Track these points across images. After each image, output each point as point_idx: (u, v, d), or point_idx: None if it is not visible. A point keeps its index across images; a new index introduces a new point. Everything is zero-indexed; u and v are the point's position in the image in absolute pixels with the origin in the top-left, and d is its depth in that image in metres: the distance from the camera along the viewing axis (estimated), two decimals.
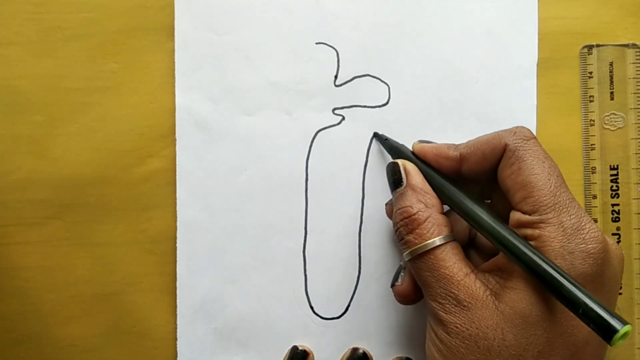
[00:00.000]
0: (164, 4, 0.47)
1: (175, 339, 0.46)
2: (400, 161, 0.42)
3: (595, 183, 0.47)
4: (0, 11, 0.46)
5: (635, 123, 0.47)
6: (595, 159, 0.47)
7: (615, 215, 0.47)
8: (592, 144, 0.47)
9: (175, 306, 0.46)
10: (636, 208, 0.47)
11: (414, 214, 0.39)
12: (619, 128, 0.47)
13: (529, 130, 0.40)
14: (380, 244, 0.46)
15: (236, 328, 0.46)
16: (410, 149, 0.44)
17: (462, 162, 0.41)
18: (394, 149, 0.45)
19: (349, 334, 0.46)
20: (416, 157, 0.43)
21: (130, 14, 0.47)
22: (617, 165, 0.47)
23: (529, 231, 0.37)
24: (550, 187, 0.37)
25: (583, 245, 0.36)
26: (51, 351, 0.46)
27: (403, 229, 0.40)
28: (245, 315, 0.46)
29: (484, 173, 0.41)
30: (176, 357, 0.46)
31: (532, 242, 0.37)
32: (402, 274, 0.42)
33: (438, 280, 0.38)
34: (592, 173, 0.47)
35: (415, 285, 0.41)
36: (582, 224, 0.37)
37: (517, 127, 0.40)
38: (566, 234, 0.36)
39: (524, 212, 0.38)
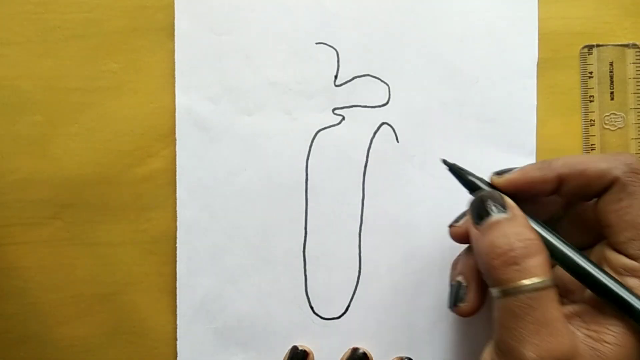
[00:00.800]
0: (164, 4, 0.47)
1: (175, 339, 0.46)
2: (503, 195, 0.38)
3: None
4: (0, 11, 0.46)
5: (636, 123, 0.47)
6: None
7: None
8: (592, 144, 0.47)
9: (175, 306, 0.46)
10: None
11: (536, 242, 0.35)
12: (619, 128, 0.47)
13: (636, 159, 0.36)
14: (380, 244, 0.46)
15: (236, 328, 0.46)
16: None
17: (560, 183, 0.37)
18: (469, 182, 0.40)
19: (349, 334, 0.46)
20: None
21: (130, 14, 0.47)
22: None
23: (633, 281, 0.35)
24: None
25: None
26: (51, 351, 0.46)
27: (521, 252, 0.34)
28: (245, 315, 0.46)
29: (582, 199, 0.38)
30: (176, 357, 0.46)
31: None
32: (463, 292, 0.39)
33: (548, 322, 0.33)
34: None
35: (480, 302, 0.39)
36: None
37: (625, 157, 0.36)
38: None
39: (629, 256, 0.35)
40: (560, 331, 0.33)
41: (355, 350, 0.46)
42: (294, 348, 0.45)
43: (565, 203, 0.39)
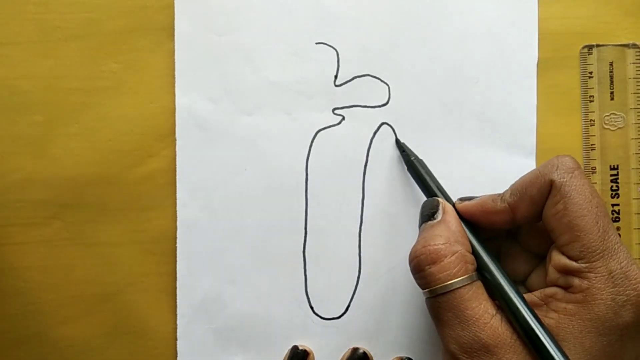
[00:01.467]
0: (164, 4, 0.47)
1: (175, 339, 0.46)
2: (442, 200, 0.41)
3: (596, 183, 0.47)
4: (0, 11, 0.46)
5: (636, 123, 0.47)
6: (595, 159, 0.47)
7: (615, 215, 0.47)
8: (592, 144, 0.47)
9: (175, 306, 0.46)
10: (636, 208, 0.47)
11: (441, 245, 0.37)
12: (619, 128, 0.47)
13: (570, 159, 0.38)
14: (380, 244, 0.46)
15: (236, 328, 0.46)
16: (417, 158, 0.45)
17: (513, 212, 0.39)
18: (411, 164, 0.45)
19: (349, 334, 0.46)
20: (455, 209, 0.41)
21: (130, 14, 0.47)
22: (617, 166, 0.47)
23: (576, 281, 0.35)
24: (599, 231, 0.35)
25: (632, 293, 0.35)
26: (51, 351, 0.46)
27: (424, 258, 0.37)
28: (245, 315, 0.46)
29: (537, 217, 0.38)
30: (176, 357, 0.46)
31: (579, 294, 0.35)
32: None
33: (462, 322, 0.36)
34: (592, 173, 0.47)
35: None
36: (630, 271, 0.35)
37: (558, 158, 0.38)
38: (615, 283, 0.35)
39: (570, 257, 0.36)
40: (476, 326, 0.35)
41: (355, 350, 0.46)
42: (294, 348, 0.45)
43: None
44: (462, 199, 0.42)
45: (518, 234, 0.42)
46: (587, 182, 0.37)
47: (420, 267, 0.37)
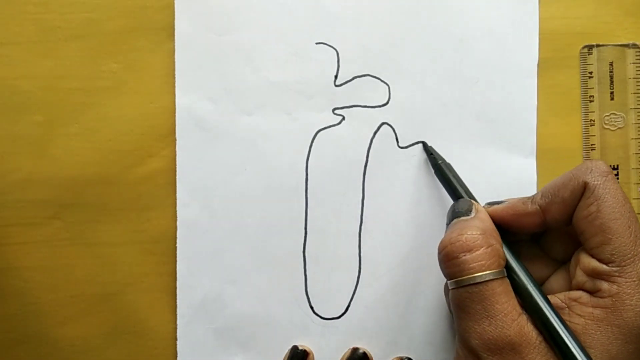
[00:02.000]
0: (164, 4, 0.47)
1: (175, 339, 0.46)
2: (473, 201, 0.41)
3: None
4: (0, 11, 0.46)
5: (635, 123, 0.47)
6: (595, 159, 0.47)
7: None
8: (592, 144, 0.47)
9: (175, 306, 0.46)
10: (636, 208, 0.47)
11: (478, 235, 0.37)
12: (619, 128, 0.47)
13: (604, 163, 0.37)
14: (380, 244, 0.46)
15: (236, 328, 0.46)
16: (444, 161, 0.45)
17: (544, 214, 0.38)
18: (438, 167, 0.45)
19: (349, 334, 0.46)
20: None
21: (130, 14, 0.47)
22: (617, 166, 0.47)
23: (605, 285, 0.35)
24: (630, 235, 0.35)
25: None
26: (51, 351, 0.46)
27: (460, 245, 0.37)
28: (245, 315, 0.46)
29: (567, 220, 0.38)
30: (176, 357, 0.46)
31: (607, 299, 0.35)
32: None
33: (491, 315, 0.35)
34: None
35: None
36: None
37: (592, 162, 0.37)
38: None
39: (600, 260, 0.36)
40: (504, 322, 0.35)
41: (355, 350, 0.46)
42: (294, 348, 0.45)
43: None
44: (490, 203, 0.41)
45: (539, 238, 0.42)
46: (619, 187, 0.37)
47: (454, 254, 0.37)
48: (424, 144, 0.46)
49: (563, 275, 0.40)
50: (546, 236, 0.41)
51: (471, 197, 0.43)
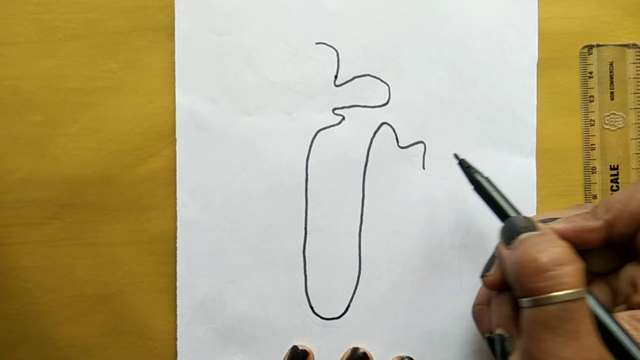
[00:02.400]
0: (164, 4, 0.47)
1: (175, 339, 0.46)
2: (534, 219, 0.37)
3: (596, 183, 0.47)
4: (0, 11, 0.46)
5: (635, 123, 0.47)
6: (595, 159, 0.47)
7: None
8: (592, 144, 0.47)
9: (175, 306, 0.46)
10: None
11: (566, 250, 0.33)
12: (619, 128, 0.47)
13: None
14: (380, 244, 0.46)
15: (236, 328, 0.46)
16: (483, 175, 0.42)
17: (610, 229, 0.36)
18: (478, 184, 0.41)
19: (349, 334, 0.46)
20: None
21: (130, 14, 0.47)
22: (617, 166, 0.47)
23: None
24: None
25: None
26: (51, 351, 0.46)
27: (556, 258, 0.33)
28: (245, 315, 0.46)
29: (633, 235, 0.36)
30: (176, 357, 0.46)
31: None
32: (509, 345, 0.36)
33: (582, 336, 0.32)
34: (593, 173, 0.47)
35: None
36: None
37: None
38: None
39: None
40: (590, 345, 0.32)
41: (355, 350, 0.45)
42: (294, 348, 0.45)
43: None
44: (543, 221, 0.38)
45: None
46: None
47: (547, 266, 0.33)
48: (459, 159, 0.43)
49: (603, 289, 0.38)
50: (592, 250, 0.38)
51: (518, 212, 0.40)
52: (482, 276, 0.39)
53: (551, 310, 0.32)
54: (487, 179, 0.42)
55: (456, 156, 0.43)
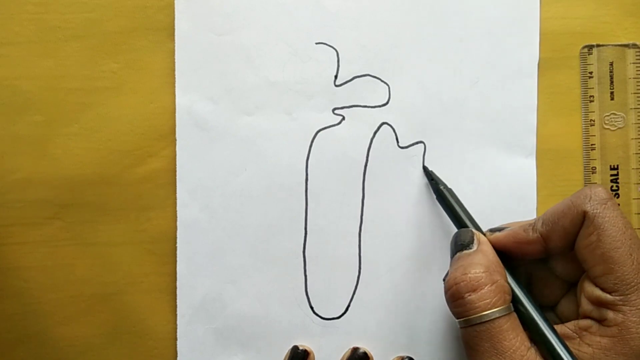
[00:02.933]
0: (164, 4, 0.47)
1: (175, 339, 0.46)
2: (476, 231, 0.41)
3: (596, 183, 0.47)
4: (0, 11, 0.46)
5: (636, 123, 0.47)
6: (595, 159, 0.47)
7: None
8: (592, 144, 0.47)
9: (175, 306, 0.46)
10: (636, 208, 0.47)
11: (481, 274, 0.37)
12: (619, 128, 0.47)
13: (603, 189, 0.37)
14: (380, 244, 0.46)
15: (236, 328, 0.46)
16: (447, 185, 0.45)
17: (545, 242, 0.38)
18: (440, 193, 0.45)
19: (349, 334, 0.46)
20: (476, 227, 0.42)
21: (130, 14, 0.47)
22: (617, 165, 0.47)
23: (610, 314, 0.35)
24: (633, 263, 0.35)
25: None
26: (51, 351, 0.46)
27: (464, 285, 0.37)
28: (245, 315, 0.46)
29: (570, 247, 0.38)
30: (176, 357, 0.46)
31: (614, 328, 0.35)
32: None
33: (500, 353, 0.35)
34: (592, 173, 0.47)
35: None
36: None
37: (590, 189, 0.37)
38: None
39: (604, 289, 0.36)
40: (514, 358, 0.35)
41: (355, 350, 0.45)
42: (295, 348, 0.45)
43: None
44: (492, 230, 0.41)
45: (549, 260, 0.41)
46: (621, 213, 0.37)
47: (459, 294, 0.37)
48: (425, 168, 0.46)
49: (573, 299, 0.40)
50: (554, 259, 0.41)
51: (474, 224, 0.42)
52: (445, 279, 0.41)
53: (470, 331, 0.36)
54: (449, 190, 0.44)
55: (425, 168, 0.46)
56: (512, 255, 0.40)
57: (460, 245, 0.40)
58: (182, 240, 0.46)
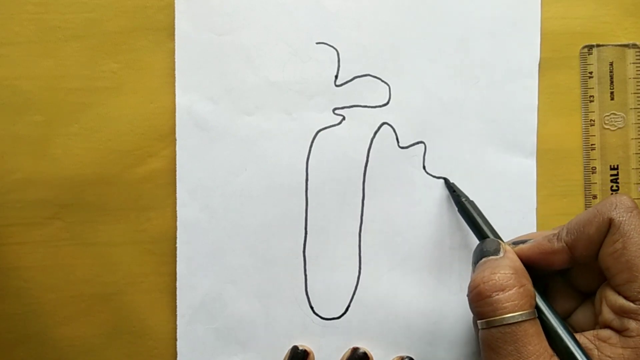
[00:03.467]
0: (164, 4, 0.47)
1: (175, 339, 0.46)
2: (501, 242, 0.40)
3: (596, 183, 0.47)
4: (0, 11, 0.46)
5: (635, 123, 0.47)
6: (595, 159, 0.47)
7: None
8: (592, 144, 0.47)
9: (175, 306, 0.46)
10: None
11: (510, 274, 0.36)
12: (619, 128, 0.47)
13: (628, 198, 0.37)
14: (380, 244, 0.46)
15: (236, 328, 0.46)
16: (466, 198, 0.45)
17: (570, 251, 0.38)
18: (462, 205, 0.44)
19: (349, 334, 0.46)
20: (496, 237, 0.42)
21: (130, 14, 0.47)
22: (617, 166, 0.47)
23: (632, 324, 0.35)
24: None
25: None
26: (51, 351, 0.46)
27: (493, 285, 0.36)
28: (245, 315, 0.46)
29: (594, 256, 0.38)
30: (176, 357, 0.46)
31: (636, 338, 0.34)
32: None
33: (523, 357, 0.34)
34: (593, 173, 0.47)
35: None
36: None
37: (616, 198, 0.37)
38: None
39: (627, 298, 0.35)
40: None
41: (355, 350, 0.45)
42: (294, 348, 0.45)
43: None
44: (515, 243, 0.41)
45: (566, 271, 0.41)
46: None
47: (486, 293, 0.36)
48: (446, 180, 0.46)
49: (590, 309, 0.40)
50: (572, 269, 0.41)
51: (497, 236, 0.42)
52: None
53: (493, 333, 0.36)
54: (472, 202, 0.44)
55: (446, 180, 0.46)
56: (536, 266, 0.39)
57: (486, 251, 0.39)
58: (182, 240, 0.46)
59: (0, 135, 0.46)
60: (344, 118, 0.47)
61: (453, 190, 0.45)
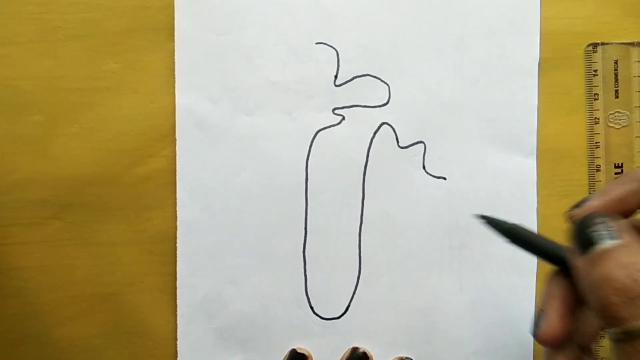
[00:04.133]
0: (164, 4, 0.47)
1: (175, 339, 0.46)
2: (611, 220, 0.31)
3: (600, 181, 0.47)
4: (0, 11, 0.46)
5: None
6: (599, 157, 0.47)
7: None
8: (596, 142, 0.47)
9: (175, 306, 0.46)
10: None
11: None
12: (623, 126, 0.47)
13: None
14: (380, 244, 0.46)
15: (236, 328, 0.46)
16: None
17: None
18: (510, 231, 0.34)
19: (349, 334, 0.46)
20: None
21: (130, 14, 0.47)
22: (622, 164, 0.47)
23: None
24: None
25: None
26: (51, 351, 0.47)
27: (622, 293, 0.27)
28: (245, 315, 0.46)
29: None
30: (176, 357, 0.46)
31: None
32: (538, 318, 0.32)
33: None
34: (597, 171, 0.47)
35: (558, 331, 0.31)
36: None
37: None
38: None
39: None
40: None
41: (355, 350, 0.45)
42: (293, 351, 0.45)
43: None
44: (575, 206, 0.33)
45: None
46: None
47: (636, 291, 0.27)
48: (485, 217, 0.36)
49: None
50: None
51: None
52: (534, 334, 0.33)
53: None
54: (515, 225, 0.35)
55: (484, 217, 0.36)
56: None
57: (600, 232, 0.30)
58: (182, 240, 0.46)
59: (0, 135, 0.46)
60: (343, 118, 0.46)
61: (495, 224, 0.35)
